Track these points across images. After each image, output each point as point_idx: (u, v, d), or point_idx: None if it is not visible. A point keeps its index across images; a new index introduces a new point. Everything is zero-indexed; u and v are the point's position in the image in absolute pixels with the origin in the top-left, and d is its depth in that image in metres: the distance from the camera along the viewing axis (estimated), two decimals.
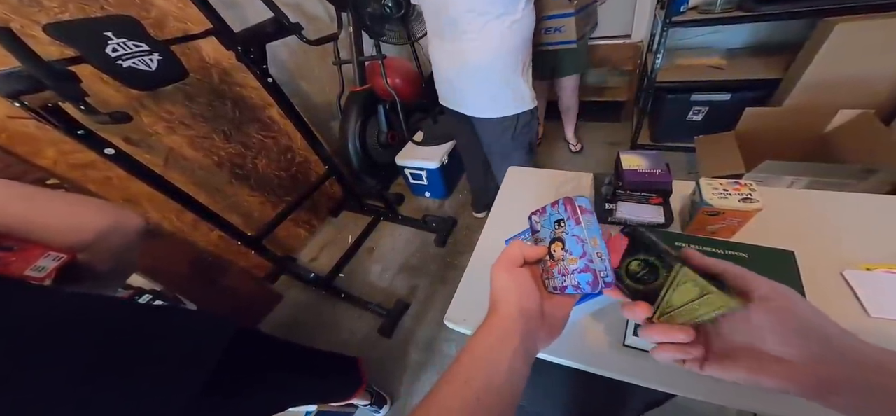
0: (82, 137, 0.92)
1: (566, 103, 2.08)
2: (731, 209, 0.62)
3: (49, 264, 0.43)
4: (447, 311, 0.73)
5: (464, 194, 2.18)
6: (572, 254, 0.35)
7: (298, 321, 1.66)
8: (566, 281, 0.35)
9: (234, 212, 1.67)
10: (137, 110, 1.34)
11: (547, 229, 0.39)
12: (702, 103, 1.82)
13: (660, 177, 0.71)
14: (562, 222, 0.37)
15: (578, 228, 0.35)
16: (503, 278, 0.36)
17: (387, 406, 1.29)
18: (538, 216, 0.41)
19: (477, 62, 1.14)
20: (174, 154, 1.46)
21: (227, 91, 1.57)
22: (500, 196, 1.01)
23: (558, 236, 0.37)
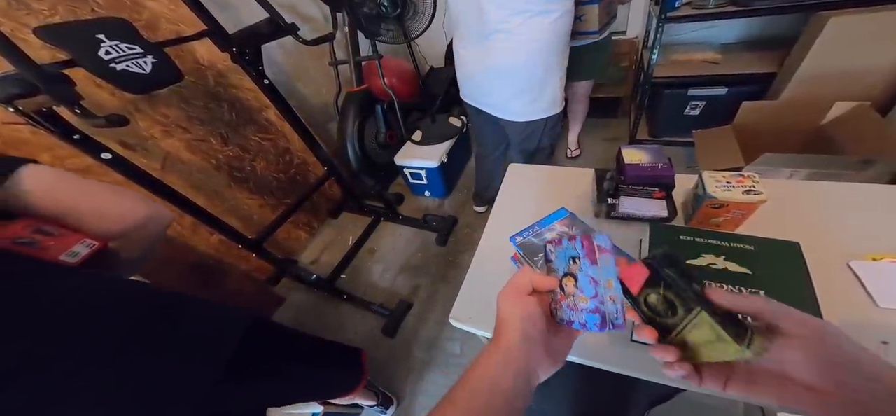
0: (78, 142, 0.90)
1: (575, 108, 1.99)
2: (735, 202, 0.62)
3: (82, 249, 0.46)
4: (452, 310, 0.74)
5: (464, 193, 2.17)
6: (584, 293, 0.34)
7: (301, 324, 1.65)
8: (574, 317, 0.35)
9: (234, 215, 1.65)
10: (133, 114, 1.32)
11: (561, 262, 0.37)
12: (699, 98, 1.83)
13: (662, 171, 0.71)
14: (577, 259, 0.35)
15: (593, 268, 0.34)
16: (510, 304, 0.36)
17: (393, 407, 1.28)
18: (554, 246, 0.39)
19: (511, 63, 1.08)
20: (171, 158, 1.45)
21: (222, 93, 1.55)
22: (501, 194, 1.01)
23: (572, 271, 0.36)
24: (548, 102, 1.18)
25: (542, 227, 0.71)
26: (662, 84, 1.85)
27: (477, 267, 0.82)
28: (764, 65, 1.70)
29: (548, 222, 0.72)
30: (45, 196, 0.46)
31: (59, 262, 0.44)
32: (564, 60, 1.15)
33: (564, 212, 0.72)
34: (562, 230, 0.68)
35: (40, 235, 0.44)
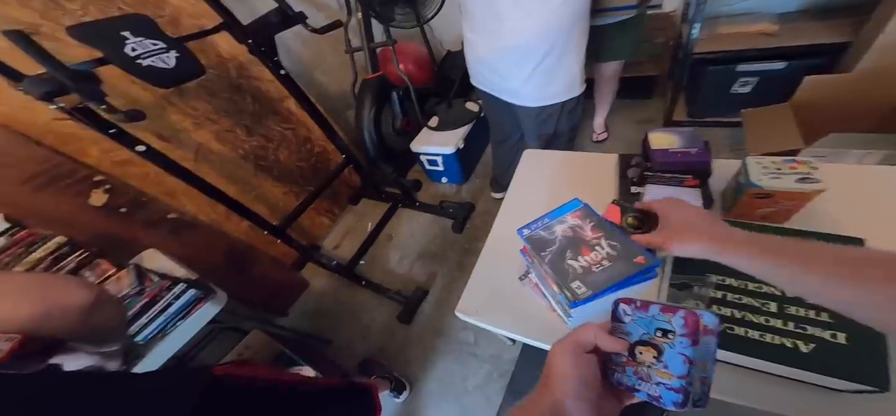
0: (114, 136, 0.98)
1: (602, 89, 1.86)
2: (785, 191, 0.55)
3: (2, 345, 0.43)
4: (459, 303, 0.74)
5: (482, 178, 2.14)
6: (668, 369, 0.31)
7: (323, 308, 1.73)
8: (643, 387, 0.32)
9: (261, 203, 1.74)
10: (166, 108, 1.42)
11: (640, 329, 0.35)
12: (750, 74, 1.64)
13: (696, 156, 0.65)
14: (670, 334, 0.32)
15: (693, 349, 0.31)
16: (567, 361, 0.33)
17: (406, 392, 1.31)
18: (631, 308, 0.36)
19: (523, 44, 1.02)
20: (203, 149, 1.55)
21: (245, 85, 1.62)
22: (514, 182, 0.97)
23: (656, 343, 0.33)
24: (564, 85, 1.11)
25: (552, 219, 0.68)
26: (707, 60, 1.67)
27: (486, 259, 0.81)
28: (834, 34, 1.49)
29: (558, 214, 0.68)
30: None
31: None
32: (583, 40, 1.07)
33: (578, 203, 0.68)
34: (574, 223, 0.64)
35: None
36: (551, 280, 0.60)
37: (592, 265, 0.57)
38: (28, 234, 0.86)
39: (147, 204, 1.32)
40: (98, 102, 0.80)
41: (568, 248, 0.61)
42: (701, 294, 0.57)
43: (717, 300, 0.55)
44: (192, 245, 1.41)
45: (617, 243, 0.58)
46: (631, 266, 0.54)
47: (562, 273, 0.57)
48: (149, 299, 0.86)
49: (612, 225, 0.61)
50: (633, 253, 0.56)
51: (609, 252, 0.57)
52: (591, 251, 0.59)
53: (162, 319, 0.88)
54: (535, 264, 0.65)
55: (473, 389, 1.28)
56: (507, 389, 1.23)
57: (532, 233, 0.66)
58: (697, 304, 0.56)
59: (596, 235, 0.61)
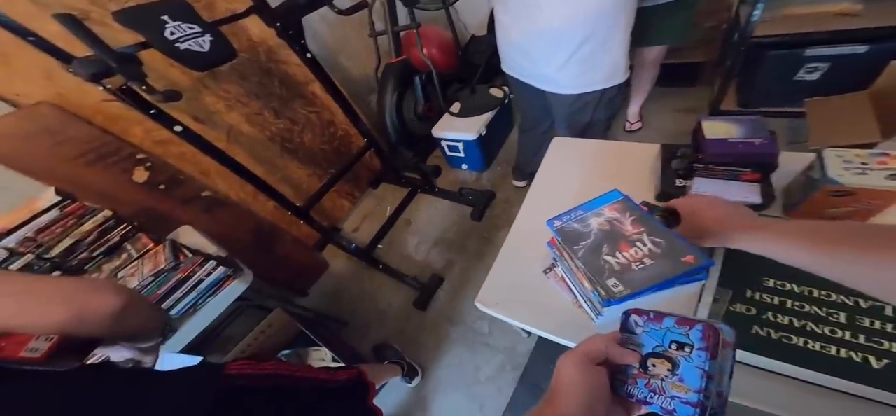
0: (155, 116, 1.04)
1: (641, 75, 1.72)
2: (871, 189, 0.49)
3: (42, 345, 0.45)
4: (479, 293, 0.73)
5: (503, 166, 2.10)
6: (685, 383, 0.31)
7: (341, 290, 1.79)
8: (655, 400, 0.32)
9: (286, 184, 1.81)
10: (201, 90, 1.48)
11: (653, 341, 0.34)
12: (821, 59, 1.47)
13: (761, 147, 0.59)
14: (687, 347, 0.32)
15: (711, 362, 0.30)
16: (576, 372, 0.32)
17: (418, 377, 1.34)
18: (643, 320, 0.35)
19: (563, 27, 0.93)
20: (234, 131, 1.61)
21: (273, 69, 1.66)
22: (542, 170, 0.94)
23: (670, 356, 0.32)
24: (606, 72, 1.03)
25: (586, 210, 0.64)
26: (767, 44, 1.52)
27: (509, 250, 0.79)
28: None
29: (595, 206, 0.64)
30: None
31: (20, 359, 0.44)
32: (630, 23, 0.98)
33: (617, 195, 0.64)
34: (612, 216, 0.61)
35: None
36: (583, 276, 0.57)
37: (632, 263, 0.53)
38: (79, 206, 0.93)
39: (184, 182, 1.40)
40: (139, 83, 0.85)
41: (604, 242, 0.57)
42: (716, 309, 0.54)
43: (773, 307, 0.51)
44: (223, 222, 1.49)
45: (662, 240, 0.54)
46: (677, 265, 0.50)
47: (597, 269, 0.54)
48: (183, 274, 0.92)
49: (657, 220, 0.58)
50: (680, 251, 0.51)
51: (652, 249, 0.53)
52: (631, 247, 0.55)
53: (194, 295, 0.95)
54: (564, 258, 0.62)
55: (485, 379, 1.30)
56: (520, 381, 1.24)
57: (564, 225, 0.63)
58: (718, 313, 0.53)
59: (637, 229, 0.57)
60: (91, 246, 0.96)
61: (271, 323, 1.31)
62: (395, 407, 1.32)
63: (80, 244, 0.94)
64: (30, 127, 1.05)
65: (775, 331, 0.49)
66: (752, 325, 0.50)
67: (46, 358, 0.44)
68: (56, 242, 0.90)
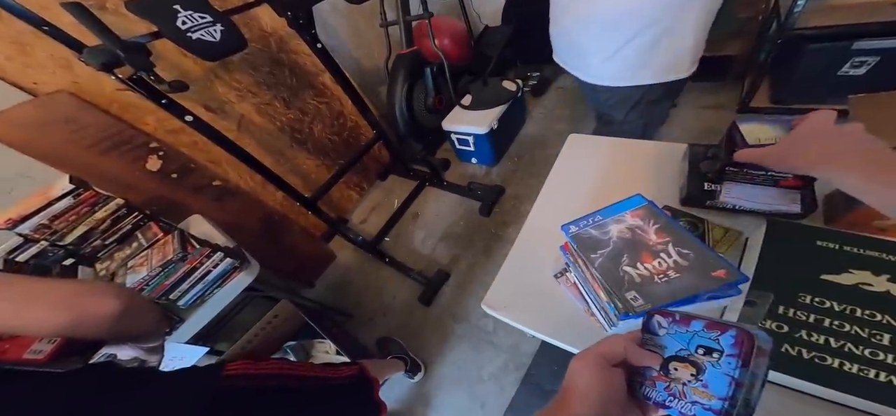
0: (165, 106, 1.05)
1: None
2: None
3: (45, 347, 0.46)
4: (486, 295, 0.71)
5: (514, 161, 2.06)
6: (709, 389, 0.29)
7: (347, 282, 1.80)
8: (674, 404, 0.30)
9: (294, 174, 1.82)
10: (213, 81, 1.49)
11: (677, 344, 0.32)
12: (870, 52, 1.36)
13: None
14: (715, 352, 0.30)
15: (742, 370, 0.28)
16: (591, 374, 0.31)
17: (421, 373, 1.35)
18: (667, 322, 0.33)
19: (618, 14, 0.81)
20: (245, 121, 1.62)
21: (284, 59, 1.66)
22: (556, 169, 0.90)
23: (695, 361, 0.31)
24: (664, 63, 0.86)
25: (606, 216, 0.60)
26: (809, 37, 1.42)
27: (520, 251, 0.77)
28: None
29: (616, 211, 0.60)
30: None
31: (23, 360, 0.44)
32: (713, 7, 0.80)
33: (641, 200, 0.60)
34: (634, 223, 0.57)
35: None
36: (599, 287, 0.54)
37: (655, 275, 0.49)
38: (92, 194, 0.95)
39: (195, 171, 1.42)
40: (147, 72, 0.85)
41: (625, 252, 0.54)
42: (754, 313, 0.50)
43: (807, 325, 0.47)
44: (232, 211, 1.51)
45: (690, 252, 0.50)
46: (706, 280, 0.46)
47: (615, 281, 0.51)
48: (190, 265, 0.93)
49: (684, 228, 0.54)
50: (710, 264, 0.48)
51: (677, 261, 0.50)
52: (654, 259, 0.51)
53: (201, 286, 0.96)
54: (578, 266, 0.59)
55: (488, 377, 1.29)
56: (523, 381, 1.23)
57: (580, 231, 0.59)
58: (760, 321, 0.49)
59: (662, 239, 0.53)
60: (104, 234, 0.99)
61: (277, 314, 1.32)
62: (397, 402, 1.33)
63: (93, 232, 0.97)
64: (47, 115, 1.07)
65: (808, 350, 0.45)
66: (782, 343, 0.46)
67: (50, 359, 0.44)
68: (70, 229, 0.92)
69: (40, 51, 1.06)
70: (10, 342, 0.44)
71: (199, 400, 0.56)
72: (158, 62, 1.30)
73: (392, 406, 1.33)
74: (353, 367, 0.88)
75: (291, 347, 1.36)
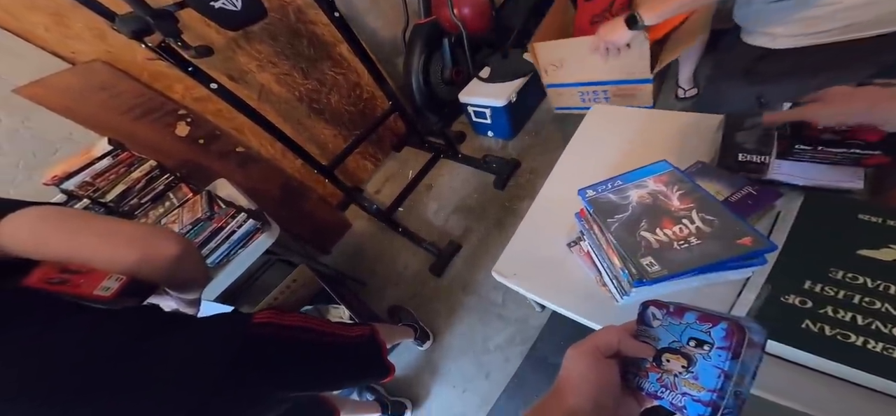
0: (192, 73, 1.10)
1: (688, 29, 1.47)
2: None
3: (113, 284, 0.49)
4: (497, 262, 0.71)
5: (531, 136, 2.02)
6: (699, 381, 0.30)
7: (361, 250, 1.86)
8: (665, 395, 0.31)
9: (312, 143, 1.87)
10: (235, 51, 1.53)
11: (670, 336, 0.33)
12: None
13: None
14: (706, 345, 0.30)
15: (732, 362, 0.29)
16: (585, 366, 0.32)
17: (429, 342, 1.40)
18: (662, 313, 0.34)
19: None
20: (265, 90, 1.66)
21: (302, 29, 1.67)
22: (576, 138, 0.88)
23: (686, 352, 0.31)
24: None
25: (626, 181, 0.59)
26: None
27: (533, 219, 0.77)
28: None
29: (637, 177, 0.59)
30: (27, 245, 0.45)
31: (93, 296, 0.48)
32: None
33: (665, 165, 0.59)
34: (657, 188, 0.55)
35: (68, 273, 0.47)
36: (613, 252, 0.53)
37: (674, 241, 0.48)
38: (128, 155, 1.03)
39: (220, 137, 1.49)
40: (174, 39, 0.89)
41: (644, 217, 0.52)
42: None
43: (834, 302, 0.46)
44: (254, 177, 1.58)
45: (715, 218, 0.48)
46: (729, 247, 0.44)
47: (630, 246, 0.49)
48: (217, 225, 1.00)
49: (711, 195, 0.51)
50: (736, 232, 0.45)
51: (700, 228, 0.48)
52: (675, 224, 0.50)
53: (227, 245, 1.03)
54: (593, 232, 0.58)
55: (495, 349, 1.33)
56: (528, 354, 1.26)
57: (598, 196, 0.59)
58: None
59: (686, 205, 0.51)
60: (140, 193, 1.07)
61: (296, 278, 1.40)
62: (405, 368, 1.40)
63: (130, 191, 1.05)
64: (85, 83, 1.15)
65: (831, 327, 0.44)
66: (803, 319, 0.45)
67: (115, 297, 0.49)
68: (110, 187, 1.00)
69: (77, 21, 1.12)
70: (84, 277, 0.48)
71: (229, 343, 0.62)
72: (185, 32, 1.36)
73: (401, 372, 1.40)
74: (363, 328, 0.94)
75: (308, 311, 1.45)
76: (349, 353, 0.87)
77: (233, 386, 0.59)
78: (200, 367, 0.56)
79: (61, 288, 0.46)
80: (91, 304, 0.49)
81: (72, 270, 0.48)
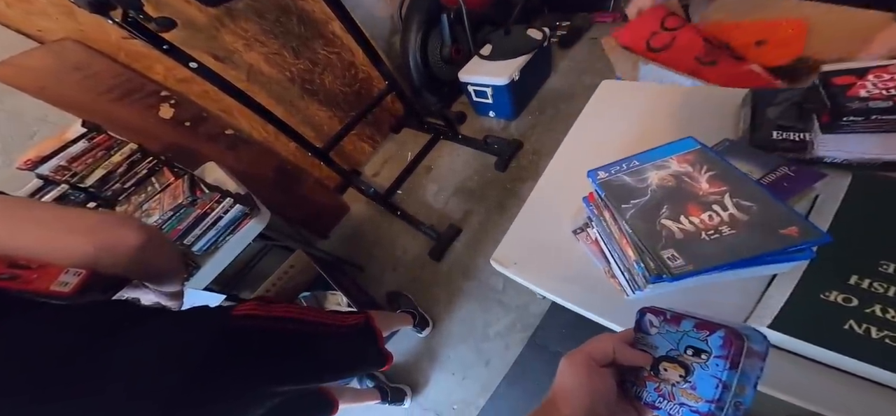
0: (168, 52, 1.03)
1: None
2: None
3: (71, 279, 0.45)
4: (496, 250, 0.67)
5: (535, 115, 1.94)
6: (696, 391, 0.29)
7: (359, 234, 1.81)
8: (663, 405, 0.30)
9: (306, 125, 1.80)
10: (219, 29, 1.44)
11: (667, 344, 0.32)
12: None
13: None
14: (704, 354, 0.29)
15: (729, 372, 0.27)
16: (580, 376, 0.31)
17: (429, 328, 1.37)
18: (659, 321, 0.33)
19: None
20: (254, 70, 1.59)
21: (291, 6, 1.58)
22: (585, 114, 0.82)
23: (683, 361, 0.30)
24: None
25: (644, 161, 0.52)
26: None
27: (536, 203, 0.71)
28: None
29: (658, 156, 0.52)
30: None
31: (50, 292, 0.44)
32: None
33: (692, 143, 0.52)
34: (681, 170, 0.49)
35: (17, 268, 0.43)
36: (627, 242, 0.47)
37: (702, 231, 0.42)
38: (105, 138, 0.98)
39: (207, 119, 1.42)
40: (136, 11, 0.82)
41: (665, 203, 0.46)
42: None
43: (884, 299, 0.39)
44: (246, 160, 1.53)
45: (753, 204, 0.42)
46: (771, 238, 0.38)
47: (650, 236, 0.43)
48: (201, 210, 0.95)
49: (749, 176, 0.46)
50: (779, 219, 0.39)
51: (734, 215, 0.42)
52: (704, 211, 0.43)
53: (213, 232, 0.99)
54: (603, 218, 0.52)
55: (494, 336, 1.30)
56: (528, 342, 1.22)
57: (611, 177, 0.52)
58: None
59: (717, 188, 0.45)
60: (122, 177, 1.02)
61: (293, 264, 1.37)
62: (404, 354, 1.37)
63: (112, 176, 1.00)
64: (57, 62, 1.08)
65: (879, 329, 0.38)
66: (846, 319, 0.39)
67: (75, 293, 0.45)
68: (89, 172, 0.95)
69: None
70: (37, 272, 0.43)
71: (206, 334, 0.59)
72: (163, 10, 1.28)
73: (400, 359, 1.37)
74: (358, 316, 0.90)
75: (306, 297, 1.41)
76: (342, 343, 0.83)
77: (214, 380, 0.55)
78: (175, 360, 0.52)
79: (11, 285, 0.42)
80: (49, 300, 0.44)
81: (21, 264, 0.43)
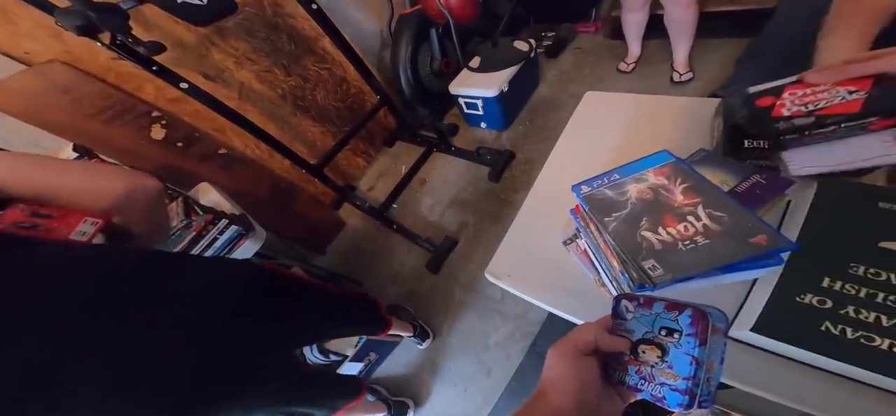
0: (157, 72, 1.02)
1: (677, 17, 1.51)
2: None
3: (89, 228, 0.46)
4: (490, 263, 0.68)
5: (525, 125, 1.97)
6: (674, 370, 0.30)
7: (357, 249, 1.81)
8: (645, 387, 0.32)
9: (299, 142, 1.80)
10: (209, 48, 1.45)
11: (643, 327, 0.33)
12: None
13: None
14: (676, 333, 0.31)
15: (700, 349, 0.29)
16: (566, 366, 0.32)
17: (429, 340, 1.36)
18: (634, 306, 0.35)
19: None
20: (245, 88, 1.59)
21: (281, 24, 1.59)
22: (569, 128, 0.85)
23: (659, 342, 0.32)
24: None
25: (624, 175, 0.54)
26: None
27: (527, 216, 0.73)
28: None
29: (636, 169, 0.55)
30: (11, 179, 0.43)
31: (69, 241, 0.44)
32: None
33: (666, 156, 0.54)
34: (657, 183, 0.52)
35: (39, 218, 0.43)
36: (612, 255, 0.49)
37: (679, 241, 0.44)
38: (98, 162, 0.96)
39: (200, 139, 1.41)
40: (123, 34, 0.82)
41: (644, 215, 0.49)
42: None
43: (856, 301, 0.42)
44: (241, 179, 1.52)
45: (724, 215, 0.45)
46: (741, 247, 0.41)
47: (631, 248, 0.46)
48: (196, 232, 0.94)
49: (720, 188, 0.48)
50: (749, 229, 0.42)
51: (708, 225, 0.44)
52: (680, 222, 0.46)
53: (210, 254, 0.97)
54: (590, 231, 0.55)
55: (494, 346, 1.30)
56: (529, 350, 1.23)
57: (593, 192, 0.54)
58: None
59: (690, 200, 0.48)
60: None
61: None
62: (406, 367, 1.36)
63: None
64: (45, 85, 1.07)
65: (853, 329, 0.40)
66: (822, 320, 0.41)
67: (93, 240, 0.46)
68: None
69: (25, 19, 1.04)
70: (57, 221, 0.44)
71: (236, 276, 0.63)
72: (151, 30, 1.28)
73: (401, 371, 1.36)
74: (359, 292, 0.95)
75: None
76: (348, 303, 0.97)
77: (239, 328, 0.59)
78: (207, 307, 0.55)
79: (33, 233, 0.43)
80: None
81: (43, 213, 0.44)
